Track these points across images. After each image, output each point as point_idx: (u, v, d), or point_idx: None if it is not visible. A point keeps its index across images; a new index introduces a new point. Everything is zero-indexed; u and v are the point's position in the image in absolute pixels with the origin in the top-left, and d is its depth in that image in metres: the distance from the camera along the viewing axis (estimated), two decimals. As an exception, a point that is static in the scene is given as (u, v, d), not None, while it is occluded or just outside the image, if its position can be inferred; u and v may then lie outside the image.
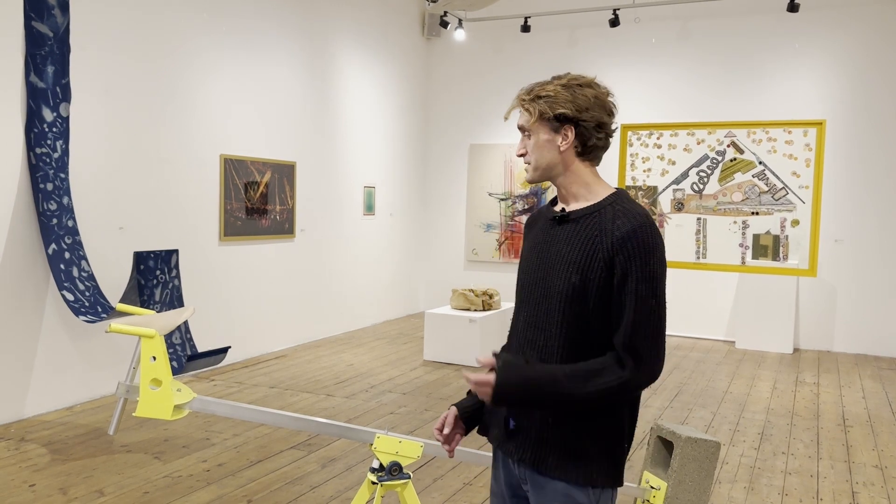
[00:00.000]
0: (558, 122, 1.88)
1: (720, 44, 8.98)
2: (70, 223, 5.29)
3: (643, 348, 1.78)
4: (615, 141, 7.13)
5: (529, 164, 1.95)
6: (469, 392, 2.13)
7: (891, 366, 7.87)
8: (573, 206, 1.93)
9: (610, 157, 7.51)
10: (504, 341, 2.12)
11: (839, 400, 6.39)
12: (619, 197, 1.89)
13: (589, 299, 1.82)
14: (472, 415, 2.10)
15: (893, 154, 8.31)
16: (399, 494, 2.68)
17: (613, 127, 1.95)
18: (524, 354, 1.93)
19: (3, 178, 5.02)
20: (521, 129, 1.94)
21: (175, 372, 5.20)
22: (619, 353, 1.79)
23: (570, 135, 1.89)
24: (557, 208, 1.99)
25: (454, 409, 2.11)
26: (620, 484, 1.90)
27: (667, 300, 1.84)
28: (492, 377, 1.81)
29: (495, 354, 1.96)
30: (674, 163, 7.72)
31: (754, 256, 7.67)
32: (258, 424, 5.14)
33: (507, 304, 8.06)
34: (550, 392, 1.79)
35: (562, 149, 1.90)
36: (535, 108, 1.90)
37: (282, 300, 7.79)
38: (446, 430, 2.08)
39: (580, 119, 1.88)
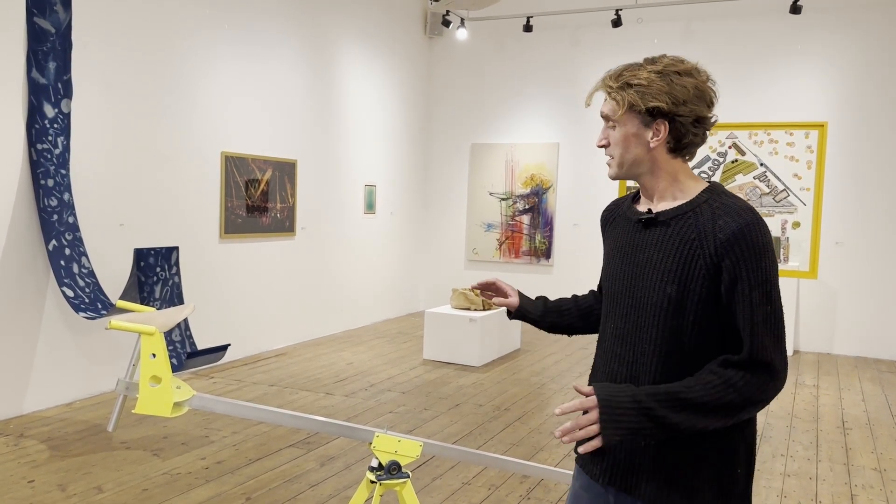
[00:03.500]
0: (651, 116, 1.66)
1: (722, 45, 8.97)
2: (70, 219, 5.29)
3: (771, 359, 1.56)
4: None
5: (613, 157, 1.73)
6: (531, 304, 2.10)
7: (891, 369, 7.87)
8: (661, 206, 1.72)
9: (611, 158, 7.53)
10: (504, 342, 2.10)
11: (839, 402, 6.39)
12: (715, 192, 1.66)
13: (687, 312, 1.61)
14: (521, 313, 2.08)
15: (895, 156, 8.30)
16: (398, 493, 2.68)
17: (713, 119, 1.70)
18: (611, 370, 1.74)
19: (3, 175, 5.02)
20: (606, 117, 1.73)
21: (174, 369, 5.20)
22: (739, 361, 1.57)
23: (664, 130, 1.66)
24: (641, 207, 1.77)
25: (516, 301, 2.08)
26: None
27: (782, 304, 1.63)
28: (593, 415, 1.57)
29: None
30: (675, 164, 7.71)
31: (755, 258, 7.65)
32: (257, 422, 5.13)
33: (508, 303, 8.05)
34: (675, 401, 1.56)
35: (652, 146, 1.68)
36: (623, 97, 1.67)
37: (282, 298, 7.79)
38: (494, 281, 2.09)
39: (676, 114, 1.64)
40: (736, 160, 8.78)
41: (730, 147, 8.81)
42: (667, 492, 1.64)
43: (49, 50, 5.15)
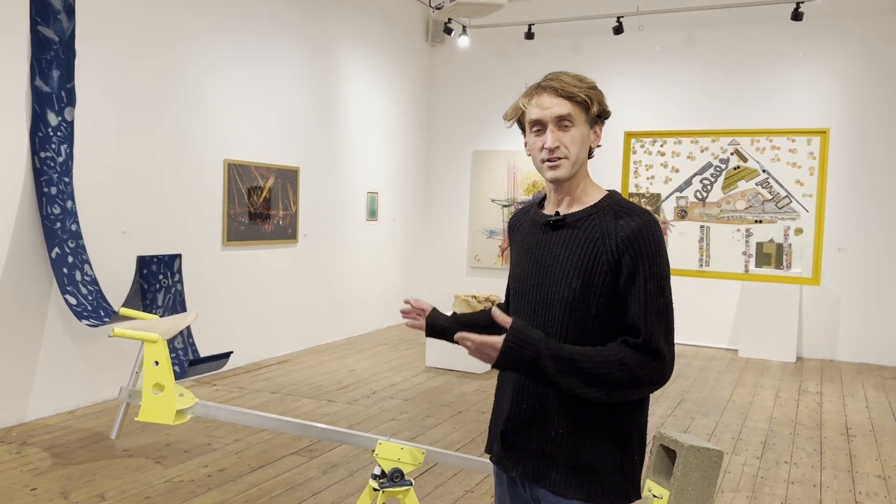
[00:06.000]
0: (598, 117, 1.82)
1: (724, 52, 8.98)
2: (73, 227, 5.30)
3: (661, 347, 1.70)
4: (619, 148, 7.15)
5: (566, 158, 1.79)
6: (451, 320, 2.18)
7: (894, 375, 7.85)
8: (568, 210, 1.84)
9: (613, 165, 7.53)
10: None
11: (842, 409, 6.37)
12: (616, 197, 1.82)
13: (591, 305, 1.73)
14: (435, 328, 2.17)
15: (897, 163, 8.30)
16: (401, 501, 2.67)
17: None
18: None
19: (7, 182, 5.03)
20: (563, 118, 1.78)
21: (177, 377, 5.20)
22: (636, 345, 1.70)
23: (600, 132, 1.84)
24: (547, 211, 1.89)
25: (429, 313, 2.17)
26: (637, 498, 1.82)
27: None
28: (496, 339, 1.67)
29: (500, 307, 1.92)
30: (677, 170, 7.71)
31: (758, 264, 7.67)
32: (259, 430, 5.13)
33: (510, 310, 8.05)
34: (570, 367, 1.67)
35: (593, 146, 1.83)
36: (593, 97, 1.79)
37: (284, 305, 7.79)
38: (414, 307, 2.18)
39: (606, 119, 1.84)
40: (738, 167, 8.78)
41: (732, 153, 8.81)
42: (575, 480, 1.75)
43: (53, 58, 5.17)
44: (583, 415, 1.75)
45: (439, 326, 2.16)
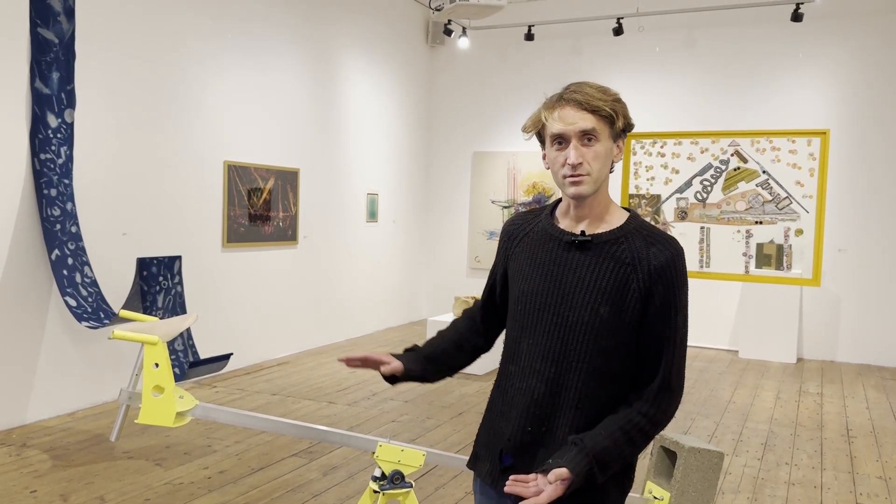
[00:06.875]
0: (622, 131, 1.74)
1: (724, 53, 8.98)
2: (73, 229, 5.30)
3: (677, 382, 1.74)
4: (619, 149, 7.16)
5: (589, 175, 1.70)
6: (406, 354, 2.15)
7: (894, 376, 7.84)
8: (593, 230, 1.76)
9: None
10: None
11: (843, 410, 6.36)
12: (639, 219, 1.77)
13: (618, 332, 1.69)
14: (407, 375, 2.10)
15: (897, 164, 8.30)
16: (401, 503, 2.67)
17: None
18: (528, 386, 1.77)
19: (7, 184, 5.03)
20: (587, 133, 1.69)
21: (177, 379, 5.19)
22: (657, 388, 1.71)
23: (622, 147, 1.75)
24: (564, 226, 1.80)
25: (399, 365, 2.07)
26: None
27: None
28: (558, 491, 1.62)
29: (472, 308, 1.98)
30: (677, 171, 7.72)
31: (758, 265, 7.66)
32: (260, 431, 5.12)
33: (510, 312, 8.04)
34: (617, 460, 1.70)
35: (615, 161, 1.75)
36: (619, 111, 1.70)
37: (284, 307, 7.78)
38: (363, 356, 2.07)
39: (629, 131, 1.77)
40: (738, 168, 8.78)
41: (732, 155, 8.81)
42: (578, 499, 1.68)
43: (52, 60, 5.17)
44: None
45: (410, 372, 2.10)
